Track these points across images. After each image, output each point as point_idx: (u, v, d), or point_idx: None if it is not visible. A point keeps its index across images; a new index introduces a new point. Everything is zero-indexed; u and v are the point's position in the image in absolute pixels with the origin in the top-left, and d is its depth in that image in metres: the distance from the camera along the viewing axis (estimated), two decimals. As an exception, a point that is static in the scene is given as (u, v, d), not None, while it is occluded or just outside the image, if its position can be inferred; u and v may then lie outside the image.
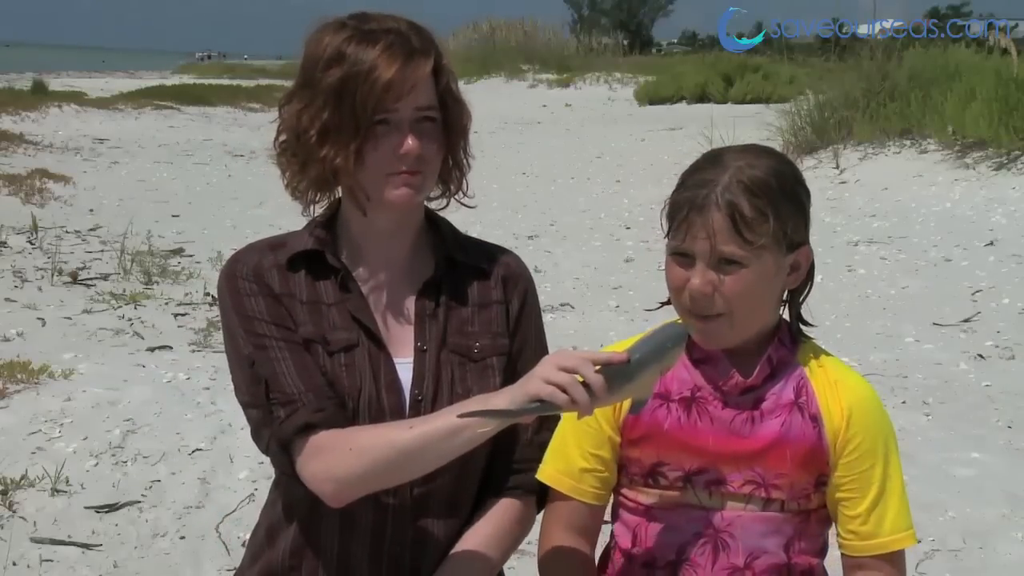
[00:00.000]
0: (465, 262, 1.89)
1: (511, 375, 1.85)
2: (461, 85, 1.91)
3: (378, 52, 1.74)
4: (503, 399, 1.64)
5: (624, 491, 1.83)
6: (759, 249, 1.67)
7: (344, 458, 1.72)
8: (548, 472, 1.84)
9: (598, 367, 1.59)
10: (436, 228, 1.92)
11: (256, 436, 1.84)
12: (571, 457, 1.82)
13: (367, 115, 1.74)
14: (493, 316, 1.89)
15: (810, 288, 1.80)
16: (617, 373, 1.60)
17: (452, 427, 1.66)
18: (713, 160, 1.72)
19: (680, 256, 1.70)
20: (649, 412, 1.77)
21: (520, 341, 1.90)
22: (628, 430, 1.79)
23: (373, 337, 1.82)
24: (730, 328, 1.71)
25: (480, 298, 1.89)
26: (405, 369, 1.83)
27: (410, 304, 1.86)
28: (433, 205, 1.92)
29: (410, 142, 1.76)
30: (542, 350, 1.92)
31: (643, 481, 1.79)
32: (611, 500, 1.86)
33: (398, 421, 1.76)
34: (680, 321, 1.74)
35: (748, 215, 1.65)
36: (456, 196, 1.91)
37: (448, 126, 1.83)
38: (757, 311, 1.73)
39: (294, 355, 1.79)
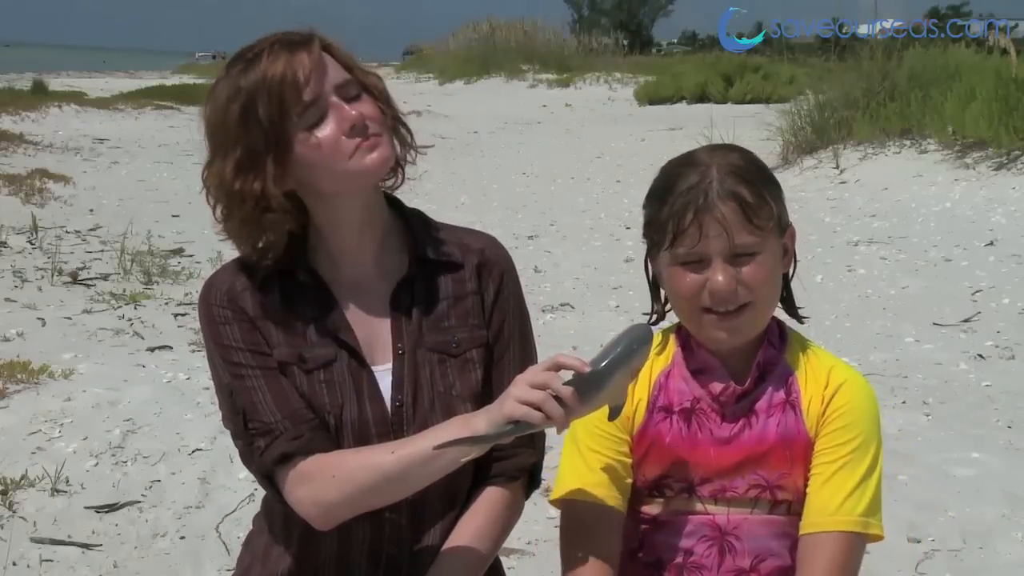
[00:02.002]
0: (437, 259, 1.88)
1: (490, 363, 1.86)
2: (461, 85, 1.91)
3: (264, 63, 1.73)
4: (481, 421, 1.64)
5: (632, 504, 1.82)
6: (767, 234, 1.69)
7: (328, 485, 1.73)
8: (572, 486, 1.80)
9: (567, 381, 1.60)
10: (407, 221, 1.89)
11: (245, 464, 1.85)
12: (592, 464, 1.79)
13: (280, 124, 1.71)
14: (469, 308, 1.87)
15: (795, 268, 1.81)
16: (587, 383, 1.60)
17: (430, 452, 1.66)
18: (689, 164, 1.72)
19: (690, 263, 1.69)
20: (653, 426, 1.78)
21: (496, 325, 1.89)
22: (635, 444, 1.79)
23: (351, 349, 1.81)
24: (753, 319, 1.71)
25: (455, 291, 1.87)
26: (385, 375, 1.82)
27: (385, 306, 1.84)
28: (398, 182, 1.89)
29: (350, 112, 1.74)
30: (523, 332, 1.92)
31: (648, 493, 1.79)
32: None
33: (381, 445, 1.76)
34: (644, 322, 1.74)
35: (752, 201, 1.67)
36: (415, 147, 1.87)
37: (372, 93, 1.80)
38: (774, 295, 1.75)
39: (270, 382, 1.79)
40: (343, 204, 1.80)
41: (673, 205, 1.68)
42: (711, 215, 1.65)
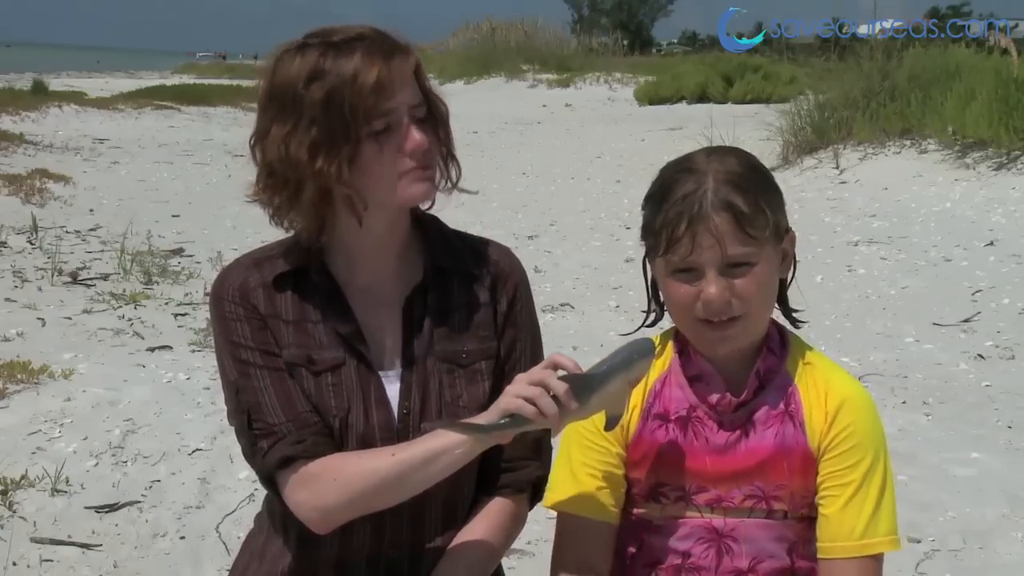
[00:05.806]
0: (452, 268, 1.87)
1: (500, 376, 1.85)
2: (461, 85, 1.91)
3: (359, 58, 1.71)
4: (480, 417, 1.65)
5: (628, 508, 1.82)
6: (762, 243, 1.67)
7: (328, 489, 1.73)
8: (562, 498, 1.81)
9: (561, 376, 1.60)
10: (423, 228, 1.89)
11: (247, 461, 1.85)
12: (583, 479, 1.79)
13: (359, 120, 1.70)
14: (481, 319, 1.87)
15: (794, 272, 1.80)
16: (581, 382, 1.61)
17: (430, 454, 1.67)
18: (686, 169, 1.70)
19: (684, 272, 1.68)
20: (648, 433, 1.77)
21: (509, 340, 1.88)
22: (631, 451, 1.78)
23: (360, 354, 1.81)
24: (746, 329, 1.70)
25: (468, 301, 1.87)
26: (393, 381, 1.82)
27: (398, 312, 1.84)
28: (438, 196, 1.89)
29: (416, 136, 1.75)
30: (534, 347, 1.91)
31: (645, 500, 1.79)
32: None
33: (381, 448, 1.76)
34: (649, 336, 1.74)
35: (746, 211, 1.65)
36: (458, 187, 1.89)
37: (436, 119, 1.82)
38: (768, 304, 1.74)
39: (276, 383, 1.78)
40: (372, 212, 1.80)
41: (668, 213, 1.67)
42: (704, 225, 1.63)
